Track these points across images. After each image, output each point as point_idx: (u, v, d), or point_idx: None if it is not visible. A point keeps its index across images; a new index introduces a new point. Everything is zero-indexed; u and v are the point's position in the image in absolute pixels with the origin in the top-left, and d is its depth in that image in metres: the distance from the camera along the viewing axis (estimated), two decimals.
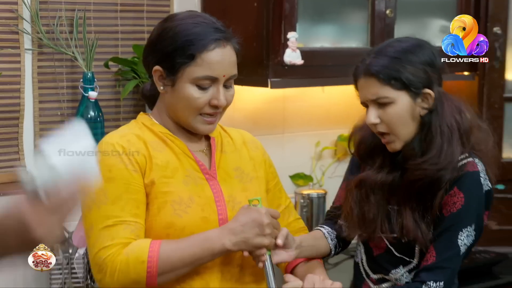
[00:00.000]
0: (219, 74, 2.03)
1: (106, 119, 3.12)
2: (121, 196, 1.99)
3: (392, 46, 2.17)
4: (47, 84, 3.06)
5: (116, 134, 2.10)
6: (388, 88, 2.12)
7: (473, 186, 2.14)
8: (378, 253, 2.26)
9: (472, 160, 2.16)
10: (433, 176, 2.12)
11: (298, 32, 3.07)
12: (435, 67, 2.17)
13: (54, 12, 3.02)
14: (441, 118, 2.16)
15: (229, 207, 2.10)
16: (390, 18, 3.28)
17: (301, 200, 3.43)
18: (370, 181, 2.24)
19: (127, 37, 3.20)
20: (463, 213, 2.12)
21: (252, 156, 2.24)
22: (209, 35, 2.03)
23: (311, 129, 3.65)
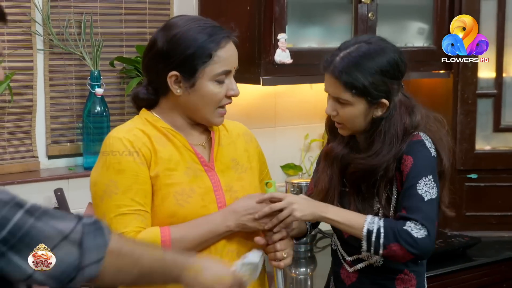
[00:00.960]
0: (232, 67, 2.10)
1: (112, 114, 3.18)
2: (131, 186, 2.02)
3: (358, 49, 2.17)
4: (58, 81, 3.11)
5: (122, 129, 2.12)
6: (349, 94, 2.15)
7: (418, 148, 2.16)
8: (348, 235, 2.26)
9: (417, 133, 2.19)
10: (366, 170, 2.18)
11: (288, 34, 3.10)
12: (394, 77, 2.18)
13: (64, 16, 3.07)
14: (389, 124, 2.17)
15: (227, 196, 2.13)
16: (372, 21, 3.30)
17: (291, 189, 3.45)
18: (330, 152, 2.30)
19: (130, 38, 3.24)
20: (415, 168, 2.13)
21: (246, 148, 2.26)
22: (218, 34, 2.07)
23: (300, 123, 3.69)
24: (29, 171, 3.06)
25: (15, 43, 2.99)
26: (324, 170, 2.33)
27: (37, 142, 3.11)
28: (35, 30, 3.04)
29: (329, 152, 2.32)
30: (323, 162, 2.34)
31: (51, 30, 3.04)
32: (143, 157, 2.06)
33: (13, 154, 3.04)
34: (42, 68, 3.09)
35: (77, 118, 3.19)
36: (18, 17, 3.00)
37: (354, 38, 2.30)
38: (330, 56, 2.21)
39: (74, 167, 3.16)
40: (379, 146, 2.19)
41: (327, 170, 2.31)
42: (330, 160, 2.32)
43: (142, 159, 2.06)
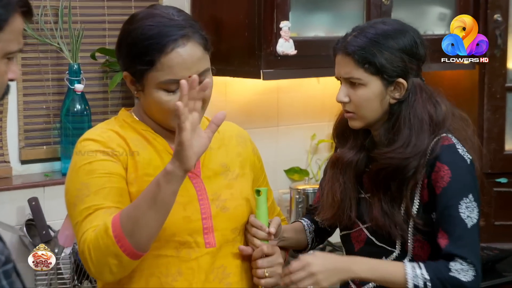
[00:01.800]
0: (183, 76, 1.96)
1: (93, 113, 3.13)
2: (104, 185, 1.98)
3: (374, 28, 2.20)
4: (32, 76, 3.08)
5: (94, 131, 2.10)
6: (362, 71, 2.16)
7: (454, 157, 2.15)
8: (359, 247, 2.27)
9: (445, 135, 2.17)
10: (398, 165, 2.15)
11: (291, 21, 3.07)
12: (414, 56, 2.19)
13: (39, 2, 3.01)
14: (412, 109, 2.18)
15: (213, 205, 2.09)
16: (386, 6, 3.29)
17: (296, 196, 3.42)
18: (341, 160, 2.28)
19: (114, 27, 3.18)
20: (454, 184, 2.13)
21: (239, 152, 2.23)
22: (165, 37, 1.99)
23: (306, 121, 3.65)
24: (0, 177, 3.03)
25: None
26: (335, 179, 2.30)
27: (8, 145, 3.07)
28: None
29: (340, 159, 2.30)
30: (332, 171, 2.33)
31: None
32: (116, 157, 2.03)
33: None
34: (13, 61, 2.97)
35: (54, 118, 3.16)
36: None
37: (367, 22, 2.35)
38: (342, 38, 2.23)
39: (51, 173, 3.13)
40: (406, 134, 2.17)
41: (339, 178, 2.29)
42: (341, 167, 2.30)
43: (116, 158, 2.03)
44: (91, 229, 1.91)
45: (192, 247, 2.05)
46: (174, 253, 2.04)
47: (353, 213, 2.25)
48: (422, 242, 2.17)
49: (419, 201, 2.17)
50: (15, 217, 2.91)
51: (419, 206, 2.17)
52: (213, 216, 2.08)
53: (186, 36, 2.00)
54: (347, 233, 2.29)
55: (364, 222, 2.25)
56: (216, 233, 2.08)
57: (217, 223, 2.08)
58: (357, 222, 2.26)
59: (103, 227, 1.87)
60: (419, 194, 2.17)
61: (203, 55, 2.03)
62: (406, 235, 2.16)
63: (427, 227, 2.16)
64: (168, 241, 2.03)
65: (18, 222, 2.89)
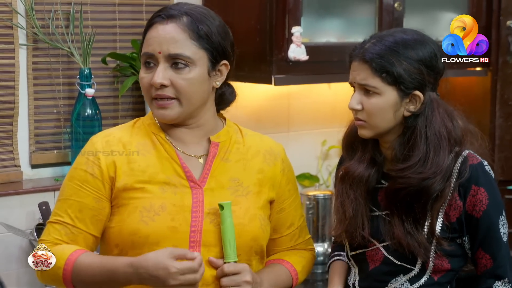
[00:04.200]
0: (154, 50, 2.05)
1: (104, 117, 3.13)
2: (71, 197, 2.10)
3: (394, 36, 2.17)
4: (43, 80, 3.07)
5: (104, 132, 2.18)
6: (378, 80, 2.13)
7: (486, 177, 2.16)
8: (374, 266, 2.23)
9: (469, 152, 2.17)
10: (418, 186, 2.13)
11: (303, 27, 3.07)
12: (433, 69, 2.16)
13: (50, 6, 3.02)
14: (429, 124, 2.15)
15: (206, 219, 2.07)
16: (398, 12, 3.27)
17: (306, 202, 3.39)
18: (351, 174, 2.25)
19: (125, 32, 3.20)
20: (493, 207, 2.15)
21: (262, 169, 2.19)
22: (156, 14, 2.09)
23: (317, 127, 3.65)
24: (10, 182, 3.03)
25: None
26: (345, 194, 2.26)
27: (19, 150, 3.07)
28: (17, 23, 2.99)
29: (349, 173, 2.26)
30: (342, 185, 2.28)
31: (35, 23, 3.00)
32: (98, 169, 2.10)
33: None
34: (24, 65, 3.04)
35: (64, 122, 3.15)
36: None
37: (386, 30, 2.30)
38: (360, 44, 2.21)
39: (61, 177, 3.09)
40: (423, 151, 2.14)
41: (349, 194, 2.25)
42: (352, 182, 2.25)
43: (97, 171, 2.10)
44: (48, 245, 2.07)
45: None
46: None
47: (365, 231, 2.22)
48: (443, 260, 2.17)
49: (442, 221, 2.17)
50: (25, 222, 2.92)
51: (442, 226, 2.16)
52: (204, 230, 2.06)
53: (172, 17, 2.07)
54: (362, 252, 2.26)
55: (381, 241, 2.21)
56: (203, 248, 2.06)
57: (206, 238, 2.06)
58: (373, 241, 2.23)
59: (57, 262, 2.03)
60: (444, 214, 2.16)
61: (182, 40, 2.05)
62: (429, 254, 2.15)
63: (451, 246, 2.16)
64: (152, 250, 2.01)
65: (28, 227, 2.90)
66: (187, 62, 2.05)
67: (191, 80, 2.06)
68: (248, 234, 2.10)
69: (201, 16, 2.08)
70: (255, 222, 2.12)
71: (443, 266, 2.17)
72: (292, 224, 2.28)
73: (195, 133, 2.15)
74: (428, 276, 2.17)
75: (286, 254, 2.29)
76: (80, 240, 2.09)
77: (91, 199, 2.08)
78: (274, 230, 2.23)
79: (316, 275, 3.30)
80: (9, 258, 2.87)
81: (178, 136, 2.14)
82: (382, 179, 2.23)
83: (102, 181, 2.09)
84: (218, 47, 2.10)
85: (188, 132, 2.14)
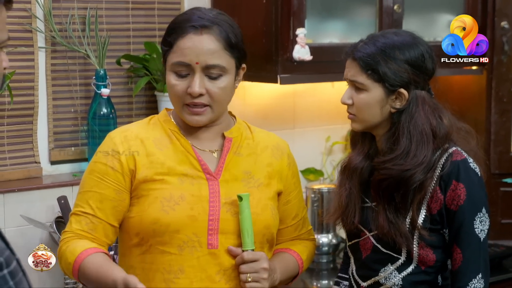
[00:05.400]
0: (192, 61, 2.07)
1: (119, 116, 3.16)
2: (92, 189, 2.14)
3: (385, 37, 2.21)
4: (61, 81, 3.11)
5: (120, 128, 2.23)
6: (365, 76, 2.18)
7: (469, 174, 2.17)
8: (366, 254, 2.27)
9: (455, 148, 2.19)
10: (399, 177, 2.16)
11: (307, 28, 3.12)
12: (419, 69, 2.19)
13: (67, 11, 3.07)
14: (412, 120, 2.17)
15: (223, 208, 2.11)
16: (398, 14, 3.30)
17: (312, 195, 3.44)
18: (349, 165, 2.30)
19: (138, 35, 3.24)
20: (470, 202, 2.15)
21: (270, 163, 2.23)
22: (187, 22, 2.08)
23: (321, 124, 3.69)
24: (30, 177, 3.06)
25: (14, 40, 2.97)
26: (342, 183, 2.32)
27: (39, 147, 3.10)
28: (36, 27, 3.04)
29: (348, 164, 2.32)
30: (341, 175, 2.34)
31: (53, 27, 3.04)
32: (118, 163, 2.13)
33: (13, 160, 3.04)
34: (43, 67, 3.08)
35: (81, 121, 3.19)
36: (18, 13, 2.99)
37: (381, 31, 2.33)
38: (354, 44, 2.25)
39: (79, 173, 3.14)
40: (405, 144, 2.17)
41: (345, 183, 2.30)
42: (348, 173, 2.31)
43: (116, 165, 2.13)
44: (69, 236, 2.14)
45: (195, 247, 2.09)
46: (177, 251, 2.09)
47: (356, 219, 2.25)
48: (427, 250, 2.19)
49: (425, 213, 2.19)
50: (45, 215, 2.95)
51: (425, 218, 2.18)
52: (221, 219, 2.10)
53: (206, 27, 2.08)
54: (356, 242, 2.30)
55: (370, 230, 2.25)
56: (220, 236, 2.10)
57: (223, 226, 2.11)
58: (364, 230, 2.26)
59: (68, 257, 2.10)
60: (427, 206, 2.18)
61: (217, 51, 2.08)
62: (411, 244, 2.17)
63: (433, 237, 2.18)
64: (172, 237, 2.08)
65: (48, 219, 2.93)
66: (222, 71, 2.10)
67: (225, 88, 2.11)
68: (261, 222, 2.14)
69: (229, 25, 2.12)
70: (267, 211, 2.17)
71: (428, 257, 2.19)
72: (296, 215, 2.31)
73: (212, 131, 2.19)
74: (415, 265, 2.20)
75: (292, 244, 2.32)
76: (99, 229, 2.13)
77: (112, 191, 2.12)
78: (280, 220, 2.26)
79: (321, 264, 3.39)
80: (31, 249, 2.62)
81: (194, 133, 2.18)
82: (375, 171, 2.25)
83: (122, 174, 2.12)
84: (242, 53, 2.16)
85: (206, 130, 2.18)
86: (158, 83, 3.19)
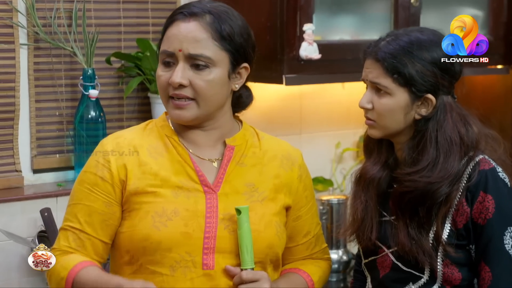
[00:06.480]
0: (175, 48, 2.05)
1: (108, 120, 3.13)
2: (81, 201, 2.12)
3: (409, 36, 2.18)
4: (44, 82, 3.08)
5: (115, 134, 2.19)
6: (390, 80, 2.15)
7: (498, 184, 2.14)
8: (384, 273, 2.25)
9: (482, 156, 2.17)
10: (424, 189, 2.13)
11: (315, 24, 3.08)
12: (447, 72, 2.18)
13: (52, 4, 3.03)
14: (440, 128, 2.16)
15: (221, 225, 2.08)
16: (415, 7, 3.29)
17: (320, 207, 3.39)
18: (364, 175, 2.27)
19: (130, 31, 3.22)
20: (499, 215, 2.11)
21: (278, 174, 2.20)
22: (178, 10, 2.09)
23: (331, 129, 3.66)
24: (10, 187, 3.04)
25: None
26: (357, 196, 2.29)
27: (20, 154, 3.07)
28: (17, 22, 3.00)
29: (363, 175, 2.29)
30: (356, 187, 2.31)
31: (37, 22, 3.00)
32: (108, 172, 2.11)
33: None
34: (25, 66, 3.05)
35: (67, 125, 3.16)
36: None
37: (403, 29, 2.29)
38: (375, 41, 2.21)
39: (64, 182, 3.12)
40: (433, 155, 2.15)
41: (361, 196, 2.27)
42: (364, 184, 2.28)
43: (107, 174, 2.11)
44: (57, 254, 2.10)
45: (188, 267, 2.05)
46: (169, 272, 2.05)
47: (373, 235, 2.23)
48: (452, 268, 2.15)
49: (450, 227, 2.16)
50: (26, 229, 2.91)
51: (450, 232, 2.16)
52: (218, 237, 2.07)
53: (195, 15, 2.06)
54: (373, 259, 2.27)
55: (389, 247, 2.23)
56: (217, 255, 2.07)
57: (220, 245, 2.07)
58: (382, 247, 2.24)
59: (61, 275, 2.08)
60: (452, 220, 2.16)
61: (203, 40, 2.05)
62: (435, 262, 2.14)
63: (459, 254, 2.15)
64: (164, 256, 2.05)
65: (30, 234, 2.90)
66: (208, 63, 2.06)
67: (211, 81, 2.06)
68: (263, 241, 2.10)
69: (225, 16, 2.09)
70: (270, 228, 2.13)
71: (454, 276, 2.15)
72: (308, 232, 2.28)
73: (210, 135, 2.15)
74: (439, 285, 2.16)
75: (302, 263, 2.29)
76: (88, 246, 2.11)
77: (101, 203, 2.10)
78: (290, 238, 2.23)
79: (331, 283, 3.33)
80: (10, 267, 2.87)
81: (192, 138, 2.14)
82: (395, 183, 2.23)
83: (112, 185, 2.10)
84: (240, 49, 2.10)
85: (203, 134, 2.14)
86: (152, 84, 3.17)
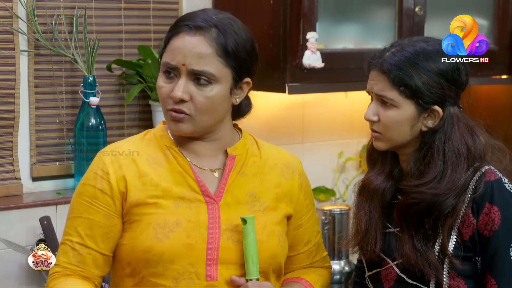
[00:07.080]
0: (178, 62, 2.03)
1: (109, 128, 3.13)
2: (81, 214, 2.11)
3: (414, 46, 2.17)
4: (45, 89, 3.07)
5: (112, 145, 2.19)
6: (396, 92, 2.14)
7: (504, 195, 2.13)
8: (388, 286, 2.24)
9: (488, 167, 2.16)
10: (431, 201, 2.13)
11: (318, 32, 3.08)
12: (454, 83, 2.17)
13: (52, 11, 3.03)
14: (448, 140, 2.15)
15: (224, 236, 2.07)
16: (419, 16, 3.29)
17: (322, 217, 3.38)
18: (367, 186, 2.27)
19: (131, 38, 3.21)
20: (506, 227, 2.11)
21: (279, 183, 2.20)
22: (184, 21, 2.06)
23: (333, 138, 3.65)
24: (9, 195, 3.03)
25: None
26: (361, 206, 2.29)
27: (19, 161, 3.07)
28: (17, 28, 3.00)
29: (367, 185, 2.28)
30: (360, 197, 2.31)
31: (37, 28, 3.00)
32: (108, 184, 2.10)
33: None
34: (25, 72, 3.05)
35: (67, 133, 3.16)
36: None
37: (407, 38, 2.29)
38: (379, 52, 2.21)
39: (64, 191, 3.11)
40: (440, 167, 2.14)
41: (364, 206, 2.27)
42: (368, 194, 2.28)
43: (106, 186, 2.10)
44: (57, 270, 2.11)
45: (192, 278, 2.05)
46: (173, 284, 2.05)
47: (377, 246, 2.23)
48: (458, 281, 2.15)
49: (456, 239, 2.15)
50: (25, 237, 2.91)
51: (456, 244, 2.15)
52: (221, 248, 2.06)
53: (200, 29, 2.04)
54: (377, 272, 2.27)
55: (393, 259, 2.22)
56: (220, 266, 2.07)
57: (224, 256, 2.07)
58: (386, 259, 2.24)
59: None
60: (458, 232, 2.15)
61: (207, 56, 2.03)
62: (441, 274, 2.14)
63: (466, 266, 2.14)
64: (166, 268, 2.04)
65: (29, 243, 2.89)
66: (211, 79, 2.04)
67: (212, 98, 2.05)
68: (267, 251, 2.10)
69: (230, 29, 2.07)
70: (273, 238, 2.12)
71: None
72: (309, 241, 2.28)
73: (211, 146, 2.15)
74: None
75: (304, 272, 2.29)
76: (88, 261, 2.10)
77: (101, 216, 2.09)
78: (290, 247, 2.23)
79: None
80: (9, 276, 2.86)
81: (192, 148, 2.14)
82: (399, 194, 2.23)
83: (112, 197, 2.09)
84: (243, 65, 2.09)
85: (204, 145, 2.14)
86: (153, 92, 3.15)
